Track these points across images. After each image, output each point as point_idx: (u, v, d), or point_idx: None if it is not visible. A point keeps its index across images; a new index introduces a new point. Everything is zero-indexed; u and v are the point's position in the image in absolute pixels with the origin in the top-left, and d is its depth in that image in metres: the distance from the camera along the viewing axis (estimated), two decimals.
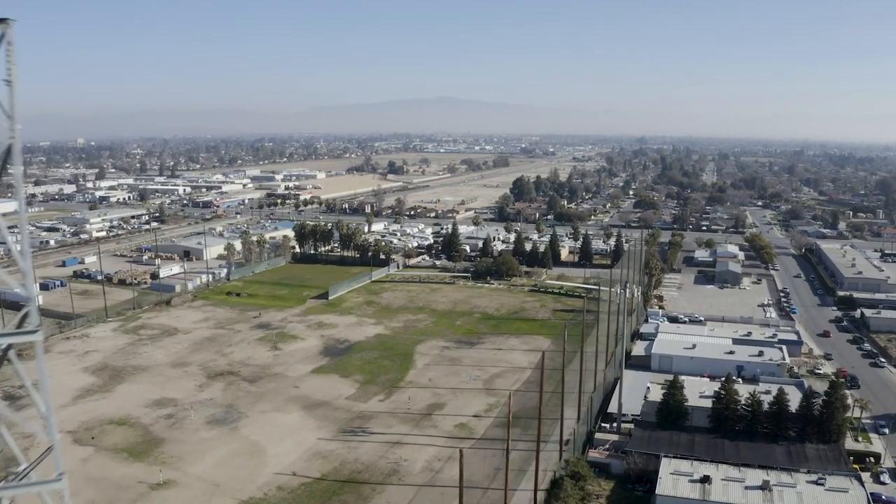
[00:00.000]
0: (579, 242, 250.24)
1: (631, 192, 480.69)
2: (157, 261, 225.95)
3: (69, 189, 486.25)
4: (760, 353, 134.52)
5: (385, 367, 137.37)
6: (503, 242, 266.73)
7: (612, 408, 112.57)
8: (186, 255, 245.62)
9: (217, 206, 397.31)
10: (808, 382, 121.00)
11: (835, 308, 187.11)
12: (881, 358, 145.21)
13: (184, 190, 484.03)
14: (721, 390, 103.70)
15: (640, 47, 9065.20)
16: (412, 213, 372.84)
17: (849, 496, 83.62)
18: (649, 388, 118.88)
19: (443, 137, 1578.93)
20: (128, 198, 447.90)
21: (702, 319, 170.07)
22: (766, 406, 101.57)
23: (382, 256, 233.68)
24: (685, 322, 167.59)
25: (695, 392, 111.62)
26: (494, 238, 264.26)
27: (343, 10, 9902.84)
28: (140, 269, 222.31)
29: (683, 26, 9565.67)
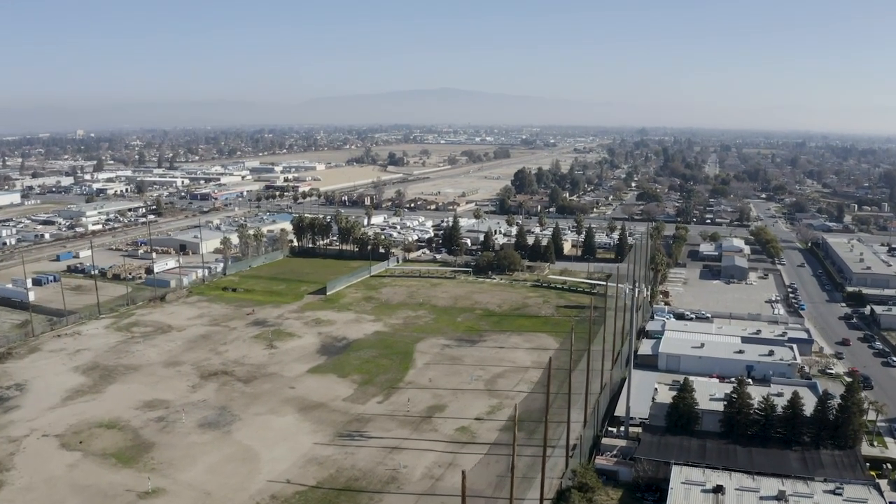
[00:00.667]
0: (582, 236, 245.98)
1: (633, 184, 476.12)
2: (153, 255, 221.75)
3: (67, 181, 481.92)
4: (771, 353, 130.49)
5: (384, 367, 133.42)
6: (505, 236, 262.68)
7: (619, 410, 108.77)
8: (182, 249, 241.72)
9: (215, 199, 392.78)
10: (821, 383, 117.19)
11: (843, 304, 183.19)
12: (893, 357, 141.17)
13: (182, 182, 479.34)
14: (733, 394, 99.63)
15: (641, 39, 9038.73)
16: (412, 206, 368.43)
17: None
18: (657, 390, 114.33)
19: (443, 128, 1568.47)
20: (125, 190, 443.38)
21: (708, 316, 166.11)
22: (780, 410, 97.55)
23: (382, 250, 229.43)
24: (692, 319, 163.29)
25: (704, 394, 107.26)
26: (496, 231, 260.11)
27: (343, 1, 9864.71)
28: (135, 264, 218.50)
29: (683, 17, 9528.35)
